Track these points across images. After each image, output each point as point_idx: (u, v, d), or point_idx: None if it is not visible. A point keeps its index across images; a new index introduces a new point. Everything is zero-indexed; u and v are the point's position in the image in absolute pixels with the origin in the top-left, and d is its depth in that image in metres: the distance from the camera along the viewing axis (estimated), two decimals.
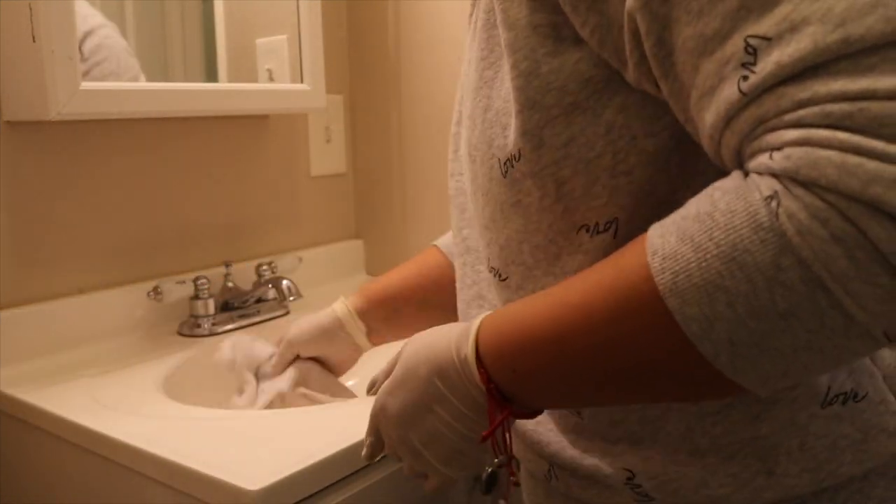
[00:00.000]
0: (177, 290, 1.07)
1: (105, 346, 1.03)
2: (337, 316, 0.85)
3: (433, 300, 0.82)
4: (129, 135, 1.08)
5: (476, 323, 0.52)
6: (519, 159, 0.50)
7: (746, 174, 0.39)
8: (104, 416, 0.81)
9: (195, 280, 1.09)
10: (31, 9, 0.87)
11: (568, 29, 0.47)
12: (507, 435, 0.53)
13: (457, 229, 0.67)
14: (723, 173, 0.42)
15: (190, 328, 1.10)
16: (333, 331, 0.85)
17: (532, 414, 0.53)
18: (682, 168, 0.47)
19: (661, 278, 0.40)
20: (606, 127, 0.47)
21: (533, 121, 0.49)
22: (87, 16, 1.00)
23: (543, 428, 0.58)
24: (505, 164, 0.51)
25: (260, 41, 1.23)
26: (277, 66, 1.23)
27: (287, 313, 1.19)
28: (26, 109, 0.92)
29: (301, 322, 0.88)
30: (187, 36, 1.17)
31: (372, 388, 0.61)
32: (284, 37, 1.22)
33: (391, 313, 0.85)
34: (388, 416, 0.57)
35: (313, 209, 1.38)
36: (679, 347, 0.40)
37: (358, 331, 0.85)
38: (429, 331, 0.56)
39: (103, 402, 0.84)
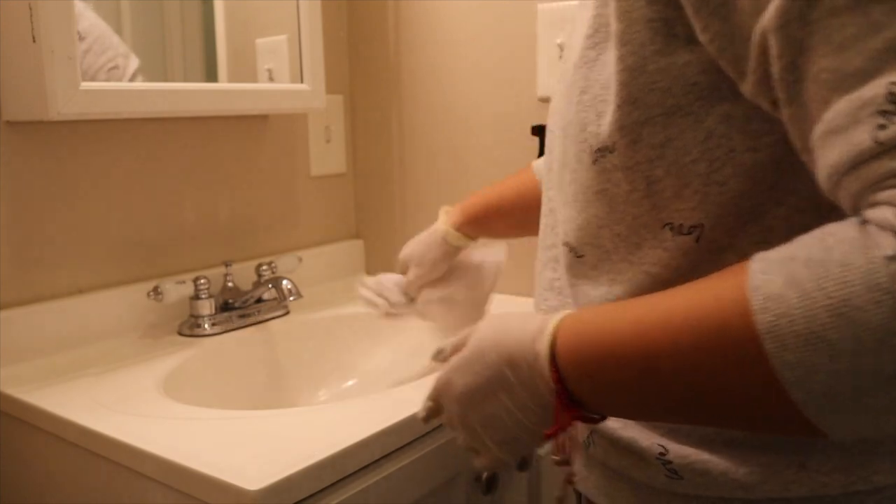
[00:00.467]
0: (177, 290, 1.07)
1: (105, 346, 1.03)
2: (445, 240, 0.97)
3: (521, 219, 0.91)
4: (129, 135, 1.08)
5: (554, 321, 0.51)
6: (612, 151, 0.50)
7: (863, 221, 0.38)
8: (104, 416, 0.81)
9: (195, 280, 1.09)
10: (31, 9, 0.87)
11: (682, 27, 0.46)
12: (568, 437, 0.52)
13: (545, 188, 0.67)
14: (816, 194, 0.41)
15: (190, 328, 1.10)
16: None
17: (598, 419, 0.52)
18: (777, 185, 0.47)
19: (761, 318, 0.39)
20: (706, 134, 0.47)
21: (632, 117, 0.48)
22: None
23: None
24: (596, 152, 0.51)
25: (260, 41, 1.23)
26: (277, 66, 1.22)
27: (287, 313, 1.19)
28: (26, 109, 0.92)
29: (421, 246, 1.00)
30: (187, 36, 1.17)
31: (438, 356, 0.61)
32: (284, 37, 1.22)
33: (481, 227, 0.97)
34: (452, 392, 0.57)
35: (313, 209, 1.38)
36: (767, 388, 0.39)
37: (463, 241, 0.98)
38: (503, 316, 0.55)
39: (103, 402, 0.84)
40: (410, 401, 0.81)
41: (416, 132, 1.36)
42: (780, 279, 0.39)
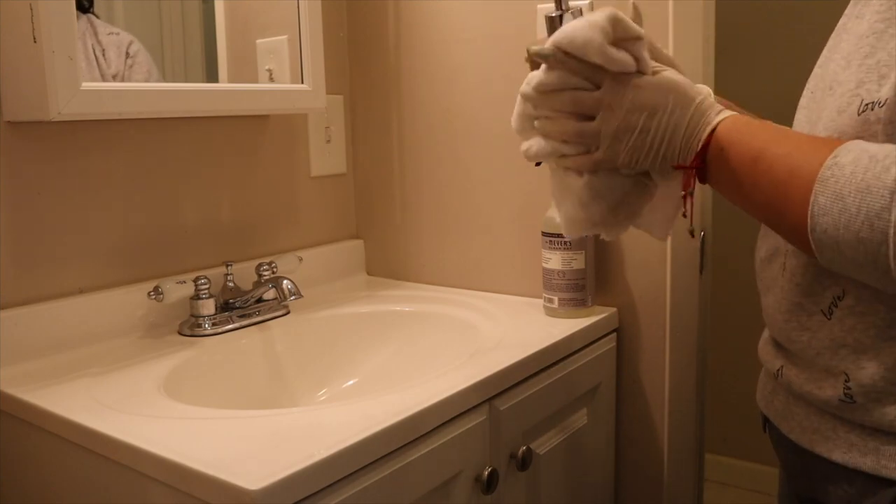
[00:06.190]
0: (177, 290, 1.07)
1: (105, 346, 1.03)
2: None
3: None
4: (129, 135, 1.08)
5: (725, 114, 0.65)
6: (881, 105, 0.59)
7: None
8: (104, 415, 0.81)
9: (195, 280, 1.09)
10: (31, 9, 0.87)
11: None
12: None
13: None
14: None
15: (190, 328, 1.10)
16: None
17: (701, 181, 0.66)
18: None
19: (822, 173, 0.56)
20: None
21: None
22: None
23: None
24: (866, 105, 0.60)
25: (260, 41, 1.23)
26: (277, 66, 1.23)
27: (287, 313, 1.19)
28: (27, 109, 0.92)
29: None
30: (187, 36, 1.17)
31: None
32: (284, 37, 1.22)
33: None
34: (634, 95, 0.66)
35: (313, 209, 1.38)
36: (803, 203, 0.57)
37: None
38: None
39: (104, 402, 0.85)
40: (410, 401, 0.82)
41: (416, 132, 1.36)
42: (849, 160, 0.55)
